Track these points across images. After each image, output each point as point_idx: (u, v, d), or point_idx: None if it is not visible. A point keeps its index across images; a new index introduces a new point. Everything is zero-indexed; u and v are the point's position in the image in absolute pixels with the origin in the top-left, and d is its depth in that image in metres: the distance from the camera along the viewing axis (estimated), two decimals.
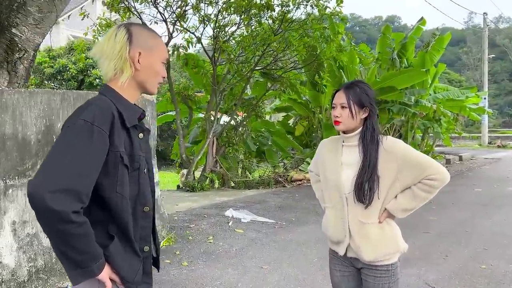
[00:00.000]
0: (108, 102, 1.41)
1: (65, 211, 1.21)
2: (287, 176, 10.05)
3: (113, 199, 1.37)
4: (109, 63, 1.45)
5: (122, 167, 1.38)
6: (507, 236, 5.37)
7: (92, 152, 1.30)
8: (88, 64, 13.27)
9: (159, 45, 1.53)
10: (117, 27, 1.50)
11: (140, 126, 1.49)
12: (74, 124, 1.33)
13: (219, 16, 8.23)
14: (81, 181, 1.26)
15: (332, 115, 2.00)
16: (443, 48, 13.03)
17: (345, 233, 1.94)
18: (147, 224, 1.49)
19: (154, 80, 1.52)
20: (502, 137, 28.72)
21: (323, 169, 2.06)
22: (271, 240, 5.23)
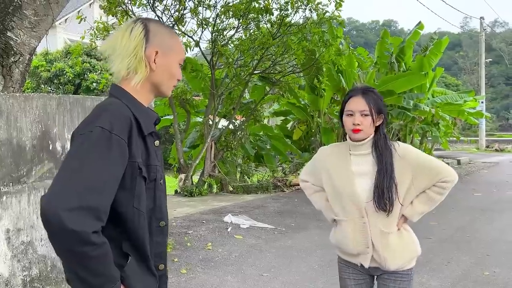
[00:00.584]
0: (123, 107, 1.26)
1: (86, 232, 1.08)
2: (286, 180, 9.99)
3: (129, 214, 1.23)
4: (122, 61, 1.30)
5: (140, 179, 1.24)
6: (509, 242, 5.32)
7: (111, 163, 1.16)
8: (85, 68, 13.20)
9: (177, 45, 1.40)
10: (133, 21, 1.36)
11: (156, 133, 1.35)
12: (90, 131, 1.17)
13: (217, 20, 8.19)
14: (100, 197, 1.13)
15: (348, 122, 1.90)
16: (441, 52, 13.05)
17: (368, 244, 1.89)
18: (163, 240, 1.35)
19: (170, 83, 1.39)
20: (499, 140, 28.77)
21: (330, 179, 1.97)
22: (271, 246, 5.16)
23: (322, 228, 6.06)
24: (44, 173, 3.49)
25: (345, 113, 1.91)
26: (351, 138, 1.92)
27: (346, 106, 1.92)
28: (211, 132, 8.99)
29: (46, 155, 3.51)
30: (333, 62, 9.78)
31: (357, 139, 1.90)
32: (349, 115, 1.89)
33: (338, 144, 2.05)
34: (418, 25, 12.76)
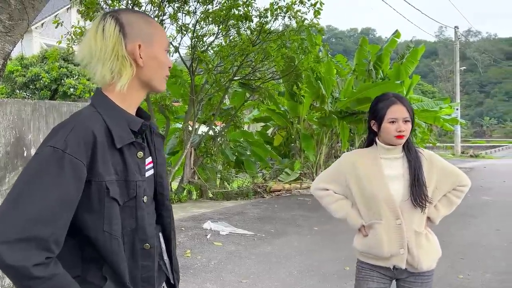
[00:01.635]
0: (91, 118, 1.12)
1: (25, 266, 0.98)
2: (266, 186, 10.00)
3: (100, 239, 1.11)
4: (104, 66, 1.15)
5: (109, 200, 1.11)
6: (483, 246, 5.45)
7: (61, 187, 1.03)
8: (62, 73, 12.98)
9: (158, 30, 1.24)
10: (101, 18, 1.18)
11: (139, 144, 1.18)
12: (41, 151, 1.06)
13: (197, 26, 8.19)
14: (46, 227, 1.01)
15: (391, 129, 1.95)
16: (417, 60, 13.33)
17: (403, 245, 1.94)
18: (150, 263, 1.20)
19: (161, 75, 1.24)
20: (474, 146, 29.54)
21: (359, 184, 2.00)
22: (250, 252, 5.15)
23: (301, 234, 6.09)
24: None
25: (387, 120, 1.96)
26: (391, 143, 1.98)
27: (387, 113, 1.96)
28: (190, 138, 8.95)
29: (20, 162, 3.43)
30: (312, 69, 9.88)
31: (399, 144, 1.99)
32: (392, 122, 1.96)
33: (362, 150, 2.10)
34: (395, 33, 13.02)
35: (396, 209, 1.93)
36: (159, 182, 1.28)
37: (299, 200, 9.06)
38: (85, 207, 1.09)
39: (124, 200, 1.15)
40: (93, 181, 1.09)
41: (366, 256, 2.04)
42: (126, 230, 1.16)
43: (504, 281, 4.19)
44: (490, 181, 12.22)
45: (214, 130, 10.08)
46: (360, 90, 11.20)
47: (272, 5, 8.04)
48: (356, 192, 2.01)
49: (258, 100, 10.91)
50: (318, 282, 4.19)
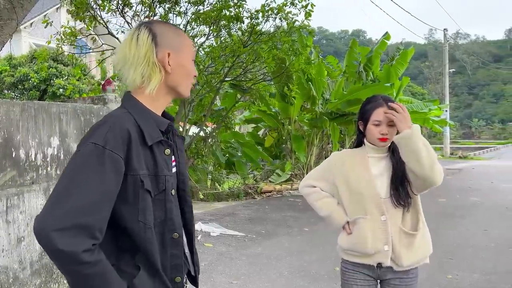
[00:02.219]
0: (125, 118, 1.24)
1: (75, 251, 1.08)
2: (257, 187, 10.01)
3: (135, 228, 1.22)
4: (135, 71, 1.27)
5: (143, 192, 1.22)
6: (471, 246, 5.51)
7: (104, 180, 1.14)
8: (51, 74, 12.85)
9: (187, 41, 1.37)
10: (136, 28, 1.32)
11: (165, 142, 1.30)
12: (84, 148, 1.18)
13: (188, 27, 8.17)
14: (91, 216, 1.12)
15: (375, 131, 1.97)
16: (407, 62, 13.44)
17: (387, 241, 1.95)
18: (178, 251, 1.32)
19: (188, 82, 1.36)
20: (463, 148, 29.86)
21: (347, 182, 2.03)
22: (241, 254, 5.15)
23: (292, 235, 6.11)
24: (7, 182, 3.38)
25: (372, 122, 1.98)
26: (375, 145, 2.01)
27: (372, 115, 1.98)
28: None
29: (9, 163, 3.40)
30: (303, 71, 9.91)
31: (382, 146, 2.01)
32: (376, 125, 1.98)
33: (351, 149, 2.15)
34: (385, 35, 13.12)
35: (381, 206, 1.95)
36: (181, 179, 1.40)
37: (290, 201, 9.08)
38: (121, 199, 1.20)
39: (155, 193, 1.25)
40: (128, 174, 1.20)
41: (351, 254, 2.04)
42: (156, 221, 1.26)
43: (491, 281, 4.25)
44: (479, 182, 12.36)
45: (205, 131, 10.06)
46: (350, 92, 11.28)
47: (263, 7, 8.05)
48: (343, 189, 2.03)
49: (249, 101, 10.91)
50: (308, 283, 4.21)
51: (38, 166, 3.71)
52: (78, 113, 4.22)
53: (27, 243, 3.61)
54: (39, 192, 3.73)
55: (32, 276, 3.64)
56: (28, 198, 3.61)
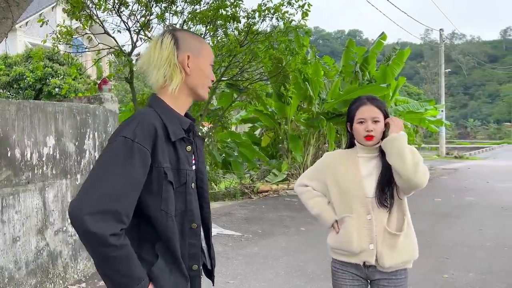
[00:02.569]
0: (152, 116, 1.36)
1: (104, 234, 1.19)
2: (253, 187, 10.01)
3: (158, 217, 1.33)
4: (158, 72, 1.41)
5: (166, 183, 1.34)
6: (467, 246, 5.54)
7: (132, 171, 1.26)
8: (47, 73, 12.79)
9: (206, 47, 1.50)
10: (161, 34, 1.46)
11: (187, 139, 1.42)
12: (115, 141, 1.30)
13: (184, 26, 8.15)
14: (120, 202, 1.23)
15: (360, 129, 1.98)
16: (403, 62, 13.47)
17: (371, 240, 1.95)
18: (196, 241, 1.43)
19: (205, 84, 1.48)
20: (458, 148, 29.97)
21: (337, 181, 2.04)
22: (238, 253, 5.15)
23: (288, 235, 6.11)
24: (2, 181, 3.36)
25: (357, 121, 1.99)
26: (363, 144, 2.01)
27: (357, 114, 1.99)
28: None
29: (4, 163, 3.38)
30: (300, 71, 9.92)
31: (369, 146, 2.00)
32: (361, 123, 1.98)
33: (343, 150, 2.16)
34: (381, 35, 13.15)
35: (367, 205, 1.96)
36: (199, 177, 1.50)
37: (286, 200, 9.08)
38: (147, 190, 1.31)
39: (177, 185, 1.37)
40: (154, 167, 1.31)
41: (338, 253, 2.06)
42: (177, 211, 1.37)
43: (486, 281, 4.27)
44: (474, 182, 12.42)
45: (201, 131, 10.05)
46: (347, 92, 11.29)
47: (260, 6, 8.04)
48: (332, 189, 2.06)
49: (246, 101, 10.91)
50: (305, 283, 4.21)
51: (34, 165, 3.69)
52: (74, 112, 4.21)
53: (22, 243, 3.59)
54: (34, 191, 3.71)
55: (28, 276, 3.62)
56: (23, 198, 3.59)
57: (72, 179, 4.16)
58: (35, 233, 3.71)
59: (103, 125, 4.71)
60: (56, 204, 3.96)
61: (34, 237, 3.70)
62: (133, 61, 7.74)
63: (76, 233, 1.22)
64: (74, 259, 4.19)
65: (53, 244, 3.92)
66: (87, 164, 4.38)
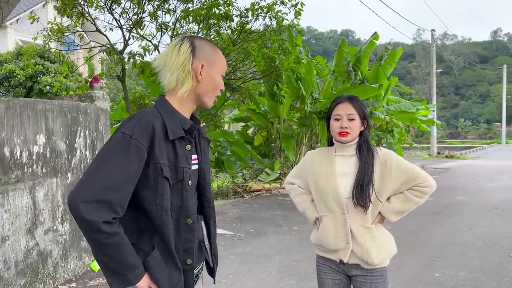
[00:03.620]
0: (152, 115, 1.43)
1: (96, 221, 1.27)
2: (246, 186, 10.00)
3: (153, 210, 1.40)
4: (172, 75, 1.48)
5: (162, 179, 1.40)
6: (458, 245, 5.57)
7: (127, 164, 1.34)
8: (38, 71, 12.66)
9: (220, 58, 1.56)
10: (181, 39, 1.53)
11: (187, 138, 1.48)
12: (114, 136, 1.39)
13: (177, 25, 8.11)
14: (114, 193, 1.31)
15: (335, 126, 2.02)
16: (395, 62, 13.55)
17: (347, 240, 1.98)
18: (191, 236, 1.49)
19: (213, 93, 1.55)
20: (449, 147, 30.23)
21: (314, 179, 2.08)
22: (230, 252, 5.14)
23: (281, 234, 6.11)
24: None
25: (333, 117, 2.04)
26: (338, 141, 2.04)
27: (334, 111, 2.05)
28: None
29: None
30: (292, 70, 9.92)
31: (343, 142, 2.02)
32: (336, 120, 2.03)
33: (325, 148, 2.17)
34: (373, 35, 13.20)
35: (342, 205, 1.98)
36: (202, 176, 1.57)
37: (279, 200, 9.09)
38: (144, 184, 1.39)
39: (174, 182, 1.43)
40: (151, 163, 1.39)
41: (319, 249, 2.11)
42: (173, 207, 1.44)
43: (477, 279, 4.30)
44: (465, 181, 12.52)
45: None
46: (339, 91, 11.32)
47: (253, 5, 8.03)
48: (312, 186, 2.10)
49: (239, 99, 10.89)
50: (297, 282, 4.21)
51: (24, 164, 3.64)
52: (65, 110, 4.16)
53: (11, 242, 3.55)
54: (24, 190, 3.67)
55: (17, 276, 3.58)
56: (12, 197, 3.55)
57: (63, 178, 4.12)
58: (24, 233, 3.66)
59: (94, 123, 4.67)
60: (46, 203, 3.91)
61: (24, 236, 3.66)
62: (125, 59, 7.69)
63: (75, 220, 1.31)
64: (64, 259, 4.14)
65: (43, 244, 3.88)
66: (78, 163, 4.34)
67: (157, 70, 1.52)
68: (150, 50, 7.93)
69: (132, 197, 1.39)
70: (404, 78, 57.61)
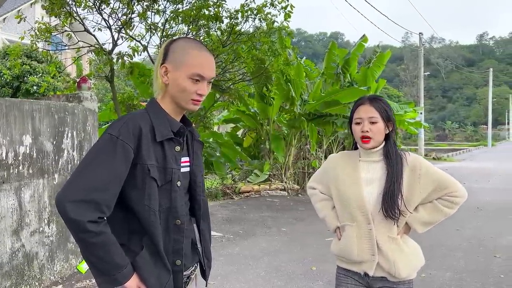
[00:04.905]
0: (140, 117, 1.45)
1: (82, 221, 1.28)
2: (235, 187, 9.99)
3: (141, 211, 1.41)
4: (156, 80, 1.52)
5: (150, 180, 1.40)
6: (444, 246, 5.64)
7: (114, 165, 1.35)
8: (25, 70, 12.51)
9: (191, 59, 1.47)
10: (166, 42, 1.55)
11: (177, 140, 1.49)
12: (101, 137, 1.40)
13: (166, 25, 8.09)
14: (100, 193, 1.32)
15: (357, 130, 1.89)
16: (384, 64, 13.66)
17: (373, 251, 1.85)
18: (180, 237, 1.49)
19: (183, 96, 1.48)
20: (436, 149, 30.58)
21: (337, 186, 1.95)
22: (218, 254, 5.13)
23: (270, 235, 6.12)
24: None
25: (354, 121, 1.91)
26: (361, 147, 1.91)
27: (354, 114, 1.91)
28: None
29: None
30: (282, 72, 9.95)
31: (367, 148, 1.89)
32: (357, 123, 1.89)
33: (348, 152, 2.04)
34: (362, 38, 13.30)
35: (368, 215, 1.85)
36: (193, 179, 1.56)
37: (268, 201, 9.10)
38: (131, 185, 1.40)
39: (162, 183, 1.43)
40: (138, 164, 1.39)
41: (341, 260, 1.99)
42: (162, 208, 1.44)
43: (462, 279, 4.36)
44: None
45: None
46: (328, 93, 11.39)
47: (242, 7, 8.04)
48: (334, 193, 1.98)
49: (228, 101, 10.89)
50: (285, 283, 4.22)
51: (9, 164, 3.60)
52: (52, 110, 4.12)
53: None
54: (10, 191, 3.62)
55: (2, 278, 3.53)
56: None
57: (50, 179, 4.08)
58: (10, 234, 3.62)
59: (82, 124, 4.63)
60: (32, 204, 3.87)
61: (9, 238, 3.61)
62: (113, 59, 7.64)
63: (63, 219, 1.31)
64: (50, 261, 4.10)
65: (29, 245, 3.83)
66: (65, 163, 4.30)
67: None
68: (139, 51, 7.89)
69: (122, 198, 1.39)
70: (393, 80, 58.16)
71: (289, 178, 11.24)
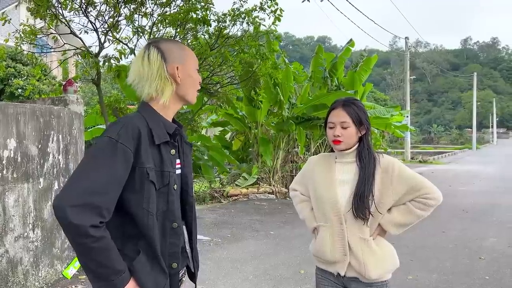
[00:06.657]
0: (137, 120, 1.43)
1: (83, 225, 1.25)
2: (223, 191, 9.97)
3: (139, 215, 1.39)
4: (150, 86, 1.47)
5: (148, 183, 1.39)
6: (429, 248, 5.70)
7: (114, 168, 1.33)
8: (9, 73, 12.33)
9: (189, 54, 1.56)
10: (145, 47, 1.52)
11: (172, 143, 1.49)
12: (100, 140, 1.38)
13: (154, 28, 8.05)
14: (101, 197, 1.30)
15: (329, 133, 1.93)
16: (370, 68, 13.79)
17: (345, 252, 1.87)
18: (176, 240, 1.48)
19: (194, 89, 1.56)
20: (422, 152, 30.93)
21: (314, 187, 1.98)
22: (206, 258, 5.11)
23: (258, 238, 6.11)
24: None
25: (328, 125, 1.95)
26: (334, 148, 1.96)
27: (328, 118, 1.95)
28: None
29: None
30: (270, 75, 9.98)
31: (338, 150, 1.93)
32: (330, 128, 1.93)
33: (326, 154, 2.06)
34: (349, 42, 13.42)
35: (340, 215, 1.88)
36: (184, 181, 1.56)
37: (256, 204, 9.09)
38: (130, 188, 1.38)
39: (160, 186, 1.43)
40: (137, 167, 1.38)
41: (318, 260, 2.01)
42: (159, 211, 1.43)
43: (448, 281, 4.41)
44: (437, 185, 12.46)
45: None
46: (316, 97, 11.47)
47: (232, 11, 8.05)
48: (311, 194, 2.01)
49: (216, 104, 10.87)
50: (273, 286, 4.22)
51: None
52: (37, 114, 4.07)
53: None
54: None
55: None
56: None
57: (35, 183, 4.02)
58: None
59: (68, 127, 4.58)
60: (16, 209, 3.81)
61: None
62: (100, 62, 7.58)
63: (60, 224, 1.28)
64: (35, 266, 4.03)
65: (13, 251, 3.77)
66: (50, 168, 4.24)
67: (133, 85, 1.50)
68: (126, 54, 7.84)
69: (118, 202, 1.37)
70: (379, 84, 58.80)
71: (277, 181, 11.26)
